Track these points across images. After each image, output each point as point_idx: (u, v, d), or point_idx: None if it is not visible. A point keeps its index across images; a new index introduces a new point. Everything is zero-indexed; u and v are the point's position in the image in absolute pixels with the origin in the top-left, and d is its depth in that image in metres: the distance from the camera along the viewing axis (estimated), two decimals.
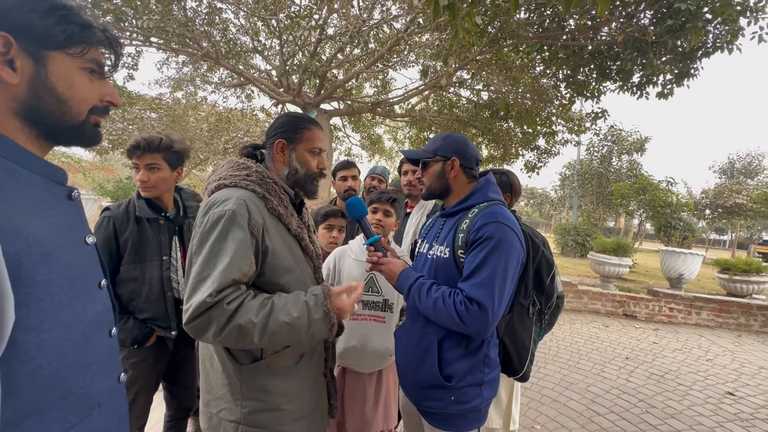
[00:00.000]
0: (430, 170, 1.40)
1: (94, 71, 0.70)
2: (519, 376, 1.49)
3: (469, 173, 1.39)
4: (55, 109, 0.65)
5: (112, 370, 0.76)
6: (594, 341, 5.04)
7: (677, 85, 5.12)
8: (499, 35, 5.41)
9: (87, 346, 0.68)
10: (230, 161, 1.22)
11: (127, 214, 1.68)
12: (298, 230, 1.21)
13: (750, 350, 5.13)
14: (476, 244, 1.20)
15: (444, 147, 1.37)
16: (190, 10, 5.99)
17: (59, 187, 0.70)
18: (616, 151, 19.17)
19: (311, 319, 1.06)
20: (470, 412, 1.27)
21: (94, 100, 0.70)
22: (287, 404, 1.14)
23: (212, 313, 0.97)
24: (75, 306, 0.66)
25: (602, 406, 3.24)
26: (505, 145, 8.97)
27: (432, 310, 1.22)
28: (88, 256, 0.73)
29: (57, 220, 0.66)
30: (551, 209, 37.20)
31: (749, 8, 4.21)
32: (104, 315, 0.75)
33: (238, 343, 1.01)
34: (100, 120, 0.73)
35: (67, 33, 0.64)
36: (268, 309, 1.03)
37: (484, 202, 1.32)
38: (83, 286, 0.69)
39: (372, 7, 6.40)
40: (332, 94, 7.63)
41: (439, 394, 1.27)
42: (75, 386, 0.66)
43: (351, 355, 1.73)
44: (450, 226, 1.35)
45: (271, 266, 1.10)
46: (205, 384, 1.18)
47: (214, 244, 1.02)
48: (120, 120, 10.02)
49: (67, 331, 0.64)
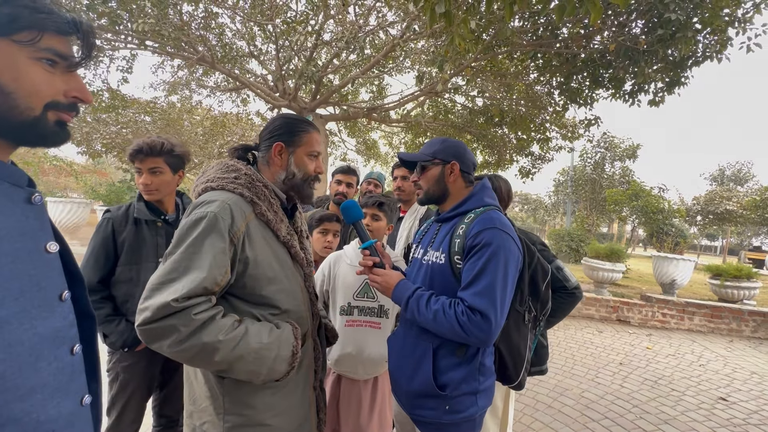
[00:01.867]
0: (428, 174, 1.38)
1: (54, 62, 0.61)
2: (515, 384, 1.48)
3: (467, 178, 1.38)
4: (0, 102, 0.58)
5: (73, 393, 0.66)
6: (588, 347, 5.05)
7: (668, 93, 5.21)
8: (493, 42, 5.47)
9: (37, 367, 0.60)
10: (220, 162, 1.17)
11: (126, 216, 1.70)
12: (287, 237, 1.16)
13: (742, 355, 5.17)
14: (474, 251, 1.18)
15: (443, 151, 1.36)
16: (186, 14, 5.99)
17: (16, 189, 0.63)
18: (609, 157, 19.40)
19: (278, 353, 1.02)
20: (465, 421, 1.25)
21: (52, 94, 0.62)
22: (272, 419, 1.08)
23: (175, 321, 0.89)
24: (21, 321, 0.58)
25: (597, 412, 3.24)
26: (500, 151, 9.04)
27: (432, 322, 1.19)
28: (48, 266, 0.65)
29: (6, 224, 0.59)
30: (545, 215, 37.44)
31: (737, 19, 4.31)
32: (65, 331, 0.66)
33: (193, 360, 0.94)
34: (68, 118, 0.65)
35: (11, 17, 0.56)
36: (240, 331, 0.97)
37: (480, 207, 1.31)
38: (35, 298, 0.61)
39: (368, 14, 6.44)
40: (328, 99, 7.65)
41: (433, 403, 1.25)
42: (18, 413, 0.57)
43: (347, 363, 1.71)
44: (445, 231, 1.33)
45: (253, 277, 1.04)
46: (188, 394, 1.13)
47: (190, 246, 0.96)
48: (114, 123, 9.94)
49: (8, 350, 0.56)
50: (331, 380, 1.77)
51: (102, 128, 9.86)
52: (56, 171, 14.21)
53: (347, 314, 1.74)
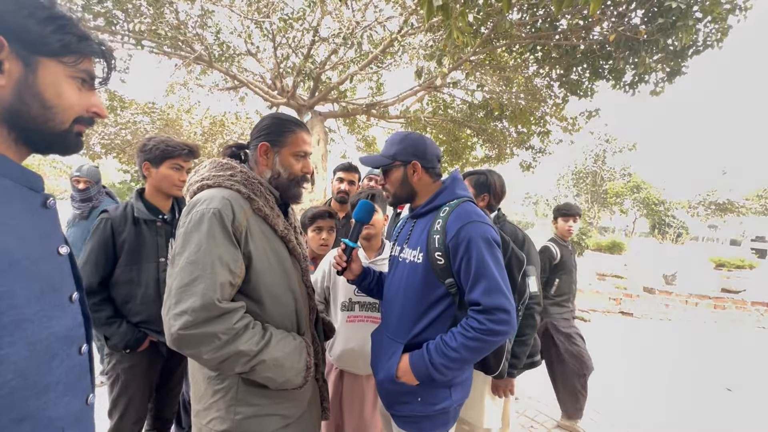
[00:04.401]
0: (392, 177, 1.35)
1: (85, 81, 0.69)
2: (496, 373, 1.47)
3: (432, 173, 1.35)
4: (40, 114, 0.64)
5: (80, 391, 0.70)
6: (591, 340, 5.05)
7: (669, 82, 5.16)
8: (492, 35, 5.42)
9: (52, 365, 0.63)
10: (213, 161, 1.17)
11: (125, 216, 1.68)
12: (285, 231, 1.17)
13: (746, 345, 5.17)
14: (462, 251, 1.17)
15: (402, 151, 1.31)
16: (182, 13, 5.96)
17: (33, 194, 0.66)
18: (609, 150, 19.32)
19: (294, 365, 1.05)
20: (439, 414, 1.25)
21: (81, 109, 0.69)
22: (283, 409, 1.11)
23: (217, 329, 0.91)
24: (41, 320, 0.62)
25: (602, 404, 3.24)
26: (500, 145, 8.99)
27: (470, 354, 1.14)
28: (60, 268, 0.69)
29: (27, 228, 0.63)
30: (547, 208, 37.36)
31: (738, 6, 4.26)
32: (75, 330, 0.70)
33: (221, 365, 0.96)
34: (84, 130, 0.72)
35: (63, 42, 0.64)
36: (267, 339, 1.00)
37: (453, 199, 1.29)
38: (52, 299, 0.65)
39: (365, 9, 6.39)
40: (326, 96, 7.61)
41: (406, 397, 1.25)
42: (34, 409, 0.60)
43: (349, 358, 1.71)
44: (421, 227, 1.32)
45: (256, 271, 1.06)
46: (195, 394, 1.14)
47: (202, 244, 0.96)
48: (112, 124, 9.92)
49: (31, 347, 0.59)
50: (333, 376, 1.77)
51: (101, 129, 9.84)
52: (56, 173, 14.22)
53: (348, 310, 1.73)
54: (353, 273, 1.44)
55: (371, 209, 1.41)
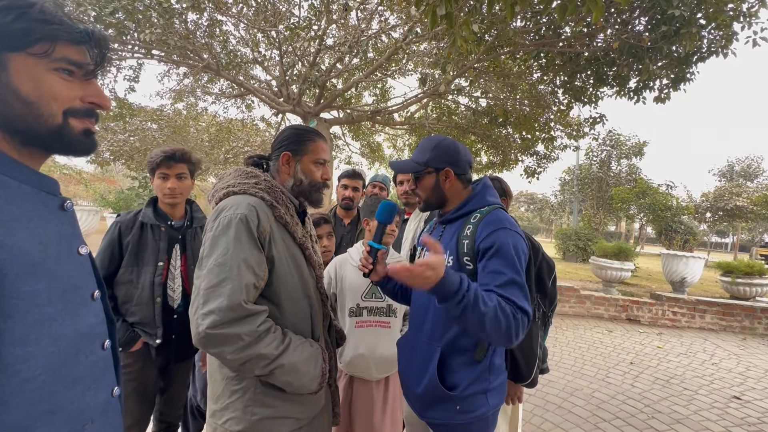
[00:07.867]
0: (423, 183, 1.35)
1: (71, 71, 0.65)
2: (527, 382, 1.47)
3: (464, 179, 1.35)
4: (25, 113, 0.62)
5: (106, 384, 0.74)
6: (598, 346, 5.01)
7: (674, 89, 5.16)
8: (496, 43, 5.47)
9: (78, 360, 0.66)
10: (237, 169, 1.22)
11: (134, 220, 1.77)
12: (303, 239, 1.21)
13: (755, 353, 5.10)
14: (490, 254, 1.17)
15: (435, 158, 1.31)
16: (191, 23, 6.08)
17: (51, 198, 0.68)
18: (615, 155, 19.22)
19: (310, 370, 1.09)
20: (477, 420, 1.25)
21: (69, 101, 0.65)
22: (298, 413, 1.14)
23: (241, 330, 0.95)
24: (65, 318, 0.64)
25: (608, 412, 3.22)
26: (505, 151, 9.00)
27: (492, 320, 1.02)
28: (81, 267, 0.71)
29: (47, 230, 0.64)
30: (552, 214, 37.19)
31: (742, 14, 4.27)
32: (97, 327, 0.72)
33: (243, 366, 1.00)
34: (90, 126, 0.69)
35: (24, 31, 0.59)
36: (286, 344, 1.03)
37: (484, 206, 1.30)
38: (74, 297, 0.67)
39: (370, 18, 6.48)
40: (332, 103, 7.69)
41: (444, 405, 1.25)
42: (65, 401, 0.63)
43: (360, 364, 1.73)
44: (451, 232, 1.33)
45: (278, 276, 1.10)
46: (212, 393, 1.16)
47: (229, 248, 1.00)
48: (121, 131, 10.08)
49: (56, 343, 0.62)
50: (343, 383, 1.79)
51: (110, 136, 10.00)
52: (66, 179, 14.44)
53: (357, 315, 1.75)
54: (379, 275, 1.43)
55: (393, 209, 1.41)
